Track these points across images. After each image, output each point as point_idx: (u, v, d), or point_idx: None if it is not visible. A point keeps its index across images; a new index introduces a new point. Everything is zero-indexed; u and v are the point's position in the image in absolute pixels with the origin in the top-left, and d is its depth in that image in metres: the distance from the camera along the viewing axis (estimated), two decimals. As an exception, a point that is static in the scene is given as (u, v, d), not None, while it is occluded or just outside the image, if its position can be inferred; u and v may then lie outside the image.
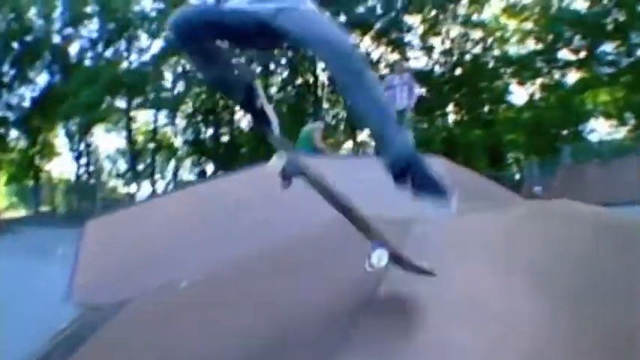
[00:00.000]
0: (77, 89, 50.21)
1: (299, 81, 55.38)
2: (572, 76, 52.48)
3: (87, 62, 56.39)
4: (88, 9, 55.08)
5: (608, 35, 48.67)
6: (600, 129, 52.05)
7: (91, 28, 56.11)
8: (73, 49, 56.80)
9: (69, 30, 55.87)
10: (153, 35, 54.87)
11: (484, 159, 53.69)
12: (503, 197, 10.26)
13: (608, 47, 49.54)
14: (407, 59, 52.86)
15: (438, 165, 10.18)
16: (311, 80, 55.72)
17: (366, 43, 53.88)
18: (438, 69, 55.78)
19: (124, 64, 55.86)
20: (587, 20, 47.86)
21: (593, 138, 49.71)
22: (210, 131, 59.15)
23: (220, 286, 5.79)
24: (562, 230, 5.66)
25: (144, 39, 56.01)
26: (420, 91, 17.87)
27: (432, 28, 54.83)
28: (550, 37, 51.24)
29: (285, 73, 56.65)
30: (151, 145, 58.68)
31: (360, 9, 52.69)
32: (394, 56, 53.21)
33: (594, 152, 36.86)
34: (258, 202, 7.86)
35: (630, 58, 48.04)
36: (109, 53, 55.98)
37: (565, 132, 50.79)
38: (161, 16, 53.47)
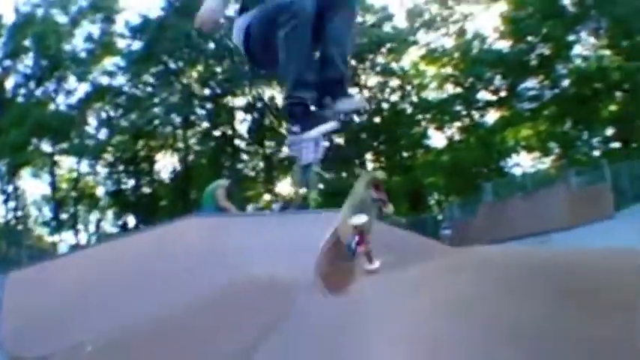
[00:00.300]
0: (9, 127, 48.80)
1: (217, 133, 55.08)
2: (493, 116, 53.76)
3: (20, 99, 54.66)
4: (27, 42, 53.31)
5: (531, 71, 49.71)
6: (524, 162, 53.26)
7: (27, 63, 54.50)
8: (10, 84, 55.10)
9: (8, 62, 54.19)
10: (80, 78, 53.71)
11: (405, 203, 54.34)
12: (418, 248, 10.26)
13: (530, 83, 50.73)
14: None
15: None
16: (229, 132, 55.46)
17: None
18: (356, 118, 55.13)
19: (52, 106, 54.51)
20: (509, 59, 48.67)
21: (517, 172, 50.52)
22: (132, 182, 58.01)
23: (136, 344, 5.70)
24: (467, 285, 5.69)
25: (72, 81, 54.73)
26: (326, 144, 17.74)
27: (351, 78, 54.61)
28: (470, 79, 52.18)
29: (205, 125, 56.28)
30: (74, 194, 57.18)
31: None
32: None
33: (517, 186, 37.32)
34: (176, 258, 7.83)
35: (555, 90, 49.18)
36: (39, 92, 54.61)
37: (486, 170, 51.46)
38: (90, 57, 53.17)
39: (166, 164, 58.13)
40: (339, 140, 54.32)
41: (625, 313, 4.77)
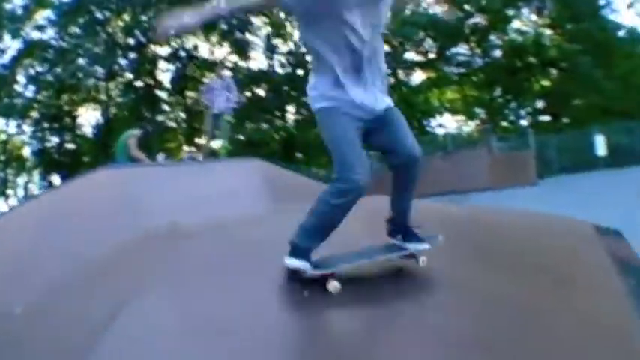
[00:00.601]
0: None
1: (140, 84, 54.03)
2: (419, 76, 54.25)
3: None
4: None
5: (464, 38, 49.89)
6: (449, 124, 54.19)
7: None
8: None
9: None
10: (14, 35, 51.54)
11: (324, 157, 54.76)
12: None
13: (462, 49, 51.18)
14: (248, 58, 52.96)
15: (253, 167, 10.25)
16: (151, 83, 54.12)
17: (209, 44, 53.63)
18: (279, 70, 55.45)
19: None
20: (441, 24, 48.83)
21: (440, 133, 51.29)
22: (56, 140, 55.64)
23: (59, 299, 5.55)
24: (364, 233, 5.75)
25: (7, 40, 52.17)
26: (239, 95, 17.65)
27: (278, 29, 54.55)
28: (399, 40, 51.91)
29: (128, 76, 54.30)
30: (2, 158, 55.50)
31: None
32: (235, 57, 53.23)
33: (438, 146, 37.55)
34: (88, 212, 7.96)
35: (486, 58, 49.77)
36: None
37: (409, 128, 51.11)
38: (26, 13, 51.67)
39: (89, 118, 56.51)
40: (260, 91, 54.39)
41: (545, 276, 4.80)
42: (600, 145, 34.18)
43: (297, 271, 4.38)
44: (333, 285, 4.29)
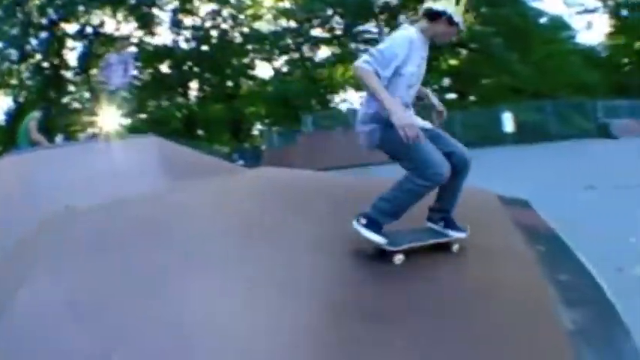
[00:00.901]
0: None
1: (47, 65, 52.75)
2: (324, 52, 55.25)
3: None
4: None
5: (374, 16, 50.43)
6: (353, 99, 54.62)
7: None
8: None
9: None
10: None
11: (225, 134, 55.10)
12: (217, 171, 10.30)
13: (370, 26, 52.06)
14: (153, 34, 52.57)
15: (150, 145, 10.14)
16: (58, 63, 53.03)
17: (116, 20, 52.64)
18: (184, 45, 55.36)
19: None
20: (351, 2, 49.15)
21: (344, 108, 52.51)
22: None
23: None
24: (251, 201, 6.13)
25: None
26: (136, 70, 17.35)
27: (184, 3, 54.17)
28: (305, 16, 52.23)
29: (38, 57, 52.97)
30: None
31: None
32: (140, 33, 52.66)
33: (341, 120, 37.99)
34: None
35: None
36: None
37: (314, 102, 52.86)
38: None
39: (2, 105, 54.57)
40: (163, 67, 54.09)
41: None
42: (508, 122, 34.91)
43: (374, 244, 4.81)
44: (399, 258, 4.75)
